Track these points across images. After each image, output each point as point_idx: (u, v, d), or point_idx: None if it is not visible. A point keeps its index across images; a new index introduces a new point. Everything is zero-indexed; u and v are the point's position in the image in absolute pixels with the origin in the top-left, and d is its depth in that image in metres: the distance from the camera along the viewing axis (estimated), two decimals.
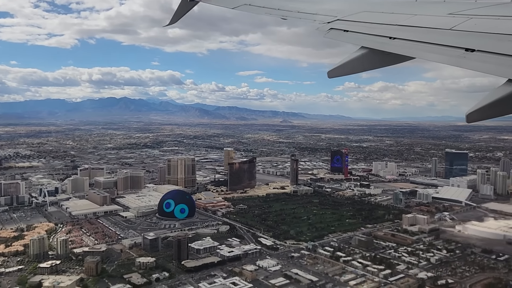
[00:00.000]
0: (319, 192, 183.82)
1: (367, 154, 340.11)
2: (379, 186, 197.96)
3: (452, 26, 9.06)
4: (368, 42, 10.44)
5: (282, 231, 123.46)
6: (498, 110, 7.04)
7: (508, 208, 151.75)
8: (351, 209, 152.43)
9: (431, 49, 8.72)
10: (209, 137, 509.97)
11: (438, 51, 8.50)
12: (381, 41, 10.16)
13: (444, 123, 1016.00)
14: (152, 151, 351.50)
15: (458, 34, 8.68)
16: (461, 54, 7.96)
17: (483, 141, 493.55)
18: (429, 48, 8.79)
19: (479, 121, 7.41)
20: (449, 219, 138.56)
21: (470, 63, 7.64)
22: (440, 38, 8.83)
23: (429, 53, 8.69)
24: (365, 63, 10.35)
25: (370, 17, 11.89)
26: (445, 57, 8.17)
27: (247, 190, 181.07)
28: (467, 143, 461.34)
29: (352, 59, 10.42)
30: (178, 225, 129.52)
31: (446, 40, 8.61)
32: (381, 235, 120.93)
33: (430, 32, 9.39)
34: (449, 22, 9.27)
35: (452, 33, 8.86)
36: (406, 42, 9.51)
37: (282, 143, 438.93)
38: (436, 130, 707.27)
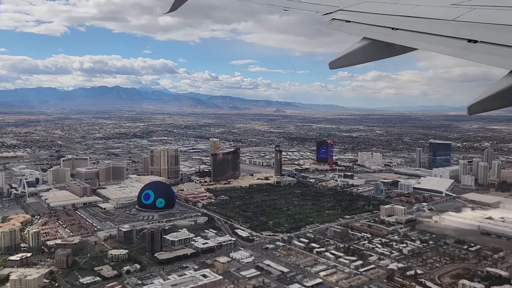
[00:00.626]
0: (302, 182, 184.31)
1: (355, 144, 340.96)
2: (363, 177, 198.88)
3: (455, 17, 9.02)
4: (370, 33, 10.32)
5: (260, 223, 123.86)
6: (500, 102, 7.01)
7: (486, 199, 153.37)
8: (332, 200, 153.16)
9: (434, 40, 8.68)
10: (200, 127, 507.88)
11: (441, 42, 8.47)
12: (384, 32, 10.07)
13: (437, 112, 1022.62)
14: (140, 141, 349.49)
15: (461, 25, 8.63)
16: (464, 46, 7.91)
17: (473, 131, 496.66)
18: (432, 39, 8.74)
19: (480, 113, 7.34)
20: (427, 209, 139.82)
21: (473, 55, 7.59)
22: (443, 29, 8.79)
23: (432, 44, 8.64)
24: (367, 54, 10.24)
25: (373, 8, 11.76)
26: (448, 49, 8.15)
27: (230, 181, 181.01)
28: (456, 132, 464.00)
29: (354, 50, 10.29)
30: (156, 217, 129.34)
31: (449, 31, 8.58)
32: (357, 226, 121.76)
33: (433, 23, 9.33)
34: (452, 13, 9.22)
35: (455, 24, 8.81)
36: (409, 33, 9.47)
37: (273, 133, 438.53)
38: (428, 119, 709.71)
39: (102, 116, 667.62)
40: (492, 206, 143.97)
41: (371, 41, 10.09)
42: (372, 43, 10.08)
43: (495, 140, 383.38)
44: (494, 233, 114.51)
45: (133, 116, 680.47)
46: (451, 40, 8.28)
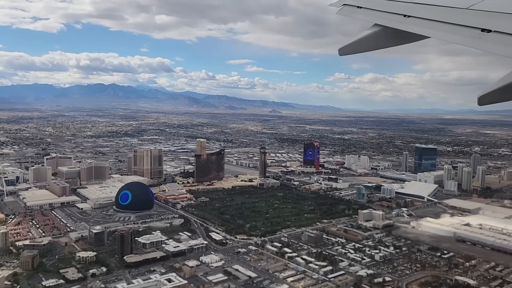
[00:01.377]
0: (286, 185, 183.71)
1: (346, 146, 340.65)
2: (347, 180, 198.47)
3: (469, 5, 8.82)
4: (382, 20, 10.14)
5: (236, 225, 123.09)
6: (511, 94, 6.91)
7: (467, 205, 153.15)
8: (313, 203, 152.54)
9: (447, 28, 8.51)
10: (193, 126, 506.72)
11: (454, 31, 8.30)
12: (396, 19, 9.87)
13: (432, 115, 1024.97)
14: (131, 139, 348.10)
15: (475, 14, 8.47)
16: (477, 35, 7.75)
17: (465, 135, 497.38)
18: (445, 28, 8.57)
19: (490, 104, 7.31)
20: (407, 215, 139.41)
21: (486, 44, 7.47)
22: (456, 17, 8.60)
23: (444, 32, 8.49)
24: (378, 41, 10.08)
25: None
26: (461, 38, 7.99)
27: (214, 182, 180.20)
28: (448, 136, 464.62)
29: (364, 36, 10.12)
30: (133, 218, 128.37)
31: (462, 20, 8.40)
32: (333, 230, 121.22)
33: (446, 11, 9.13)
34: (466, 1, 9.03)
35: (469, 12, 8.63)
36: (421, 21, 9.29)
37: (265, 134, 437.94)
38: (422, 123, 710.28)
39: (96, 114, 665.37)
40: (472, 213, 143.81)
41: (382, 28, 9.93)
42: (383, 30, 9.92)
43: (486, 145, 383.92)
44: (470, 241, 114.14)
45: (128, 114, 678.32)
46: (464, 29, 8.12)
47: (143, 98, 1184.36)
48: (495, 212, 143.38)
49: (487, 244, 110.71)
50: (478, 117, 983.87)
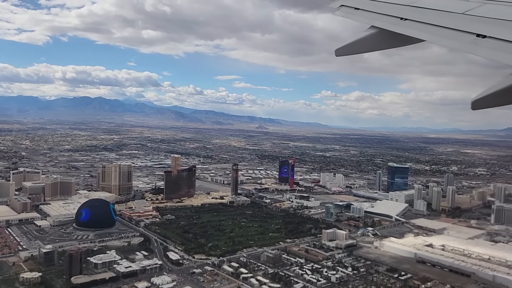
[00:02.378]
0: (257, 203, 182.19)
1: (326, 164, 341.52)
2: (320, 198, 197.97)
3: (465, 10, 8.94)
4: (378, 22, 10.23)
5: (197, 245, 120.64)
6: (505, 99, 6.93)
7: (433, 225, 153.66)
8: (280, 222, 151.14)
9: (442, 33, 8.62)
10: (175, 141, 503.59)
11: (449, 35, 8.41)
12: (392, 21, 9.95)
13: (417, 134, 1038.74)
14: (109, 154, 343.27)
15: (471, 19, 8.55)
16: (472, 40, 7.85)
17: (446, 154, 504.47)
18: (440, 32, 8.68)
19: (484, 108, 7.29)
20: (372, 234, 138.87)
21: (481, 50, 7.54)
22: (452, 22, 8.70)
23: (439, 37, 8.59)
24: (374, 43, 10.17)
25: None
26: (456, 42, 8.09)
27: (184, 199, 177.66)
28: (429, 155, 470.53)
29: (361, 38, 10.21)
30: (91, 236, 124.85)
31: (458, 25, 8.51)
32: (295, 250, 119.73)
33: (442, 15, 9.22)
34: (462, 6, 9.15)
35: (465, 17, 8.73)
36: (417, 24, 9.39)
37: (247, 150, 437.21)
38: (406, 141, 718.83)
39: (79, 127, 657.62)
40: (437, 233, 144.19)
41: (379, 30, 9.99)
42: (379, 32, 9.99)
43: (465, 164, 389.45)
44: (429, 262, 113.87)
45: (111, 128, 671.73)
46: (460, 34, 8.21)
47: (130, 112, 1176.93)
48: (459, 233, 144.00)
49: (446, 266, 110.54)
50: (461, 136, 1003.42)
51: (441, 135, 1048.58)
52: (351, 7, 11.74)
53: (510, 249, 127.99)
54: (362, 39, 10.24)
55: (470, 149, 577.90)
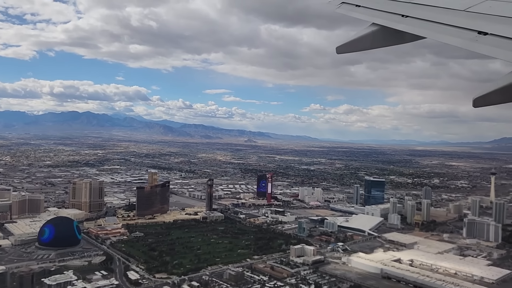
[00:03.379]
0: (231, 218, 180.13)
1: (308, 178, 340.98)
2: (297, 213, 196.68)
3: (467, 7, 8.96)
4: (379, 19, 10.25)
5: (161, 263, 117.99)
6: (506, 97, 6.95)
7: (405, 239, 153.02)
8: (252, 238, 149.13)
9: (444, 30, 8.65)
10: (161, 156, 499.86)
11: (450, 32, 8.43)
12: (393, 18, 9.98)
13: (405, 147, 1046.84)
14: (89, 170, 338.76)
15: (472, 16, 8.57)
16: (474, 37, 7.86)
17: (430, 166, 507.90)
18: (442, 29, 8.71)
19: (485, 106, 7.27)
20: (342, 250, 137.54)
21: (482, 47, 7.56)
22: (454, 19, 8.74)
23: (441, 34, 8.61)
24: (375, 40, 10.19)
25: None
26: (457, 39, 8.10)
27: (156, 216, 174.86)
28: (413, 168, 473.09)
29: (362, 35, 10.24)
30: (53, 256, 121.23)
31: (459, 22, 8.55)
32: (260, 267, 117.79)
33: (443, 12, 9.25)
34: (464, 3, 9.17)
35: (466, 14, 8.74)
36: (418, 21, 9.42)
37: (232, 164, 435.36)
38: (392, 154, 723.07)
39: (64, 142, 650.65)
40: (407, 247, 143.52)
41: (380, 27, 10.00)
42: (381, 30, 9.99)
43: (447, 176, 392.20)
44: (395, 277, 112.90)
45: (97, 143, 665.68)
46: (461, 31, 8.24)
47: (118, 127, 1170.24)
48: (430, 247, 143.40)
49: (410, 281, 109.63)
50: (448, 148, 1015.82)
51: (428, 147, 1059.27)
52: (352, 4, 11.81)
53: (478, 263, 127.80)
54: (363, 37, 10.24)
55: (455, 162, 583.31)
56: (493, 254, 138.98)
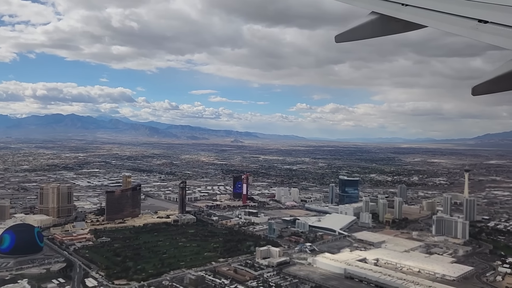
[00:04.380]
0: (203, 221, 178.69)
1: (289, 177, 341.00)
2: (270, 214, 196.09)
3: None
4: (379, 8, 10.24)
5: (123, 268, 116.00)
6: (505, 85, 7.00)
7: (374, 238, 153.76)
8: (221, 240, 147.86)
9: (444, 18, 8.72)
10: (143, 158, 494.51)
11: (451, 21, 8.53)
12: (393, 7, 10.00)
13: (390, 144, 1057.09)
14: (67, 173, 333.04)
15: (473, 5, 8.63)
16: (474, 26, 7.98)
17: (412, 164, 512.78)
18: (442, 18, 8.77)
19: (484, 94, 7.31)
20: (309, 250, 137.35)
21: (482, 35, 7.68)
22: (454, 7, 8.81)
23: (441, 22, 8.68)
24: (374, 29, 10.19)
25: None
26: (458, 28, 8.22)
27: (127, 220, 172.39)
28: (395, 166, 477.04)
29: (361, 24, 10.22)
30: (12, 264, 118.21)
31: (459, 10, 8.61)
32: (224, 270, 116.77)
33: (443, 1, 9.26)
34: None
35: (467, 3, 8.81)
36: (419, 10, 9.47)
37: (214, 165, 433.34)
38: (377, 152, 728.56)
39: (46, 146, 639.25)
40: (375, 246, 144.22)
41: (379, 16, 10.02)
42: (380, 18, 10.02)
43: (427, 174, 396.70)
44: (357, 277, 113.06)
45: (79, 146, 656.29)
46: (462, 19, 8.32)
47: (103, 129, 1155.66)
48: (397, 245, 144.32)
49: (372, 281, 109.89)
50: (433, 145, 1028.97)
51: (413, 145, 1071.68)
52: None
53: (442, 261, 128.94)
54: (362, 25, 10.20)
55: (437, 159, 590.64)
56: (459, 251, 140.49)
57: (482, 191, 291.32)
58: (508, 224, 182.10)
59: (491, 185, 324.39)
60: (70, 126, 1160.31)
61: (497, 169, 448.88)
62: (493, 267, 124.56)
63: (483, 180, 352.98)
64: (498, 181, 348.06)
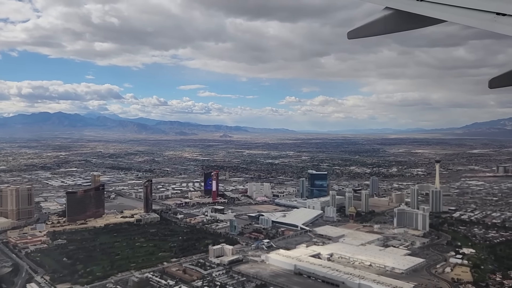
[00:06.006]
0: (167, 219, 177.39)
1: (268, 172, 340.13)
2: (238, 210, 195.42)
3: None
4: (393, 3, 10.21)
5: (70, 272, 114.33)
6: None
7: (334, 232, 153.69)
8: (180, 239, 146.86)
9: (462, 12, 8.75)
10: (126, 155, 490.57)
11: (469, 14, 8.59)
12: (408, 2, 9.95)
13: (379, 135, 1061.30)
14: (43, 173, 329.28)
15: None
16: (492, 18, 8.14)
17: (395, 155, 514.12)
18: (460, 12, 8.79)
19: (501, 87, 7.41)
20: (266, 247, 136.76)
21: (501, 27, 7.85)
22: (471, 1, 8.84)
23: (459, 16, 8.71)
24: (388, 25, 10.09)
25: None
26: (476, 21, 8.33)
27: (89, 220, 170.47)
28: (377, 157, 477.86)
29: (375, 20, 10.16)
30: None
31: (477, 4, 8.66)
32: (173, 271, 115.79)
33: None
34: None
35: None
36: (435, 5, 9.42)
37: (196, 161, 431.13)
38: (363, 143, 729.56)
39: (30, 145, 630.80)
40: (333, 240, 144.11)
41: (394, 12, 9.92)
42: (394, 14, 9.92)
43: (407, 165, 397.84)
44: (306, 273, 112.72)
45: (64, 144, 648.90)
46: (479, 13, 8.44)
47: (91, 126, 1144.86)
48: (355, 239, 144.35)
49: (319, 276, 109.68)
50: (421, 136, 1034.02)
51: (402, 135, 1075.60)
52: None
53: (396, 253, 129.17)
54: (376, 21, 10.09)
55: (422, 149, 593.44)
56: (416, 243, 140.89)
57: (457, 181, 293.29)
58: (472, 214, 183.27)
59: (467, 174, 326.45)
60: (57, 124, 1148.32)
61: (478, 158, 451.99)
62: (445, 259, 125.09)
63: (461, 170, 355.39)
64: (476, 171, 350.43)
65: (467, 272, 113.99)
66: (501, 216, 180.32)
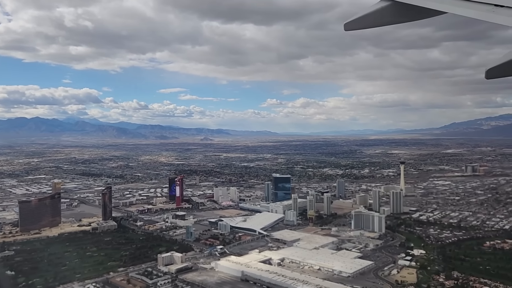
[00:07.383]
0: (125, 227, 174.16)
1: (241, 176, 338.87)
2: (201, 215, 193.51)
3: None
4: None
5: (10, 285, 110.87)
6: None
7: (291, 236, 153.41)
8: (133, 247, 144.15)
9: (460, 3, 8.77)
10: (100, 161, 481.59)
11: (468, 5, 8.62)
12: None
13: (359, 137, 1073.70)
14: (9, 181, 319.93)
15: None
16: (490, 9, 8.28)
17: (371, 156, 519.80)
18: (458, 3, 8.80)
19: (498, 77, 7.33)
20: (219, 253, 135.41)
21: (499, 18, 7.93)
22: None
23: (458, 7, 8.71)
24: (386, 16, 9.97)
25: None
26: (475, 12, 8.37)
27: (44, 230, 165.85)
28: (352, 159, 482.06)
29: (373, 11, 9.99)
30: None
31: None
32: (117, 281, 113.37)
33: None
34: None
35: None
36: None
37: (170, 166, 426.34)
38: (342, 145, 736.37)
39: (2, 151, 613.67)
40: (288, 245, 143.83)
41: (391, 3, 9.84)
42: (392, 5, 9.85)
43: (380, 166, 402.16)
44: (252, 280, 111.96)
45: (38, 150, 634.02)
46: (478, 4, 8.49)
47: (69, 131, 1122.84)
48: (310, 243, 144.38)
49: (265, 282, 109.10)
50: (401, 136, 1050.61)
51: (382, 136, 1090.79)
52: None
53: (347, 256, 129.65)
54: (374, 12, 9.88)
55: (398, 150, 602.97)
56: (369, 245, 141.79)
57: (424, 182, 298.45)
58: (431, 215, 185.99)
59: (436, 175, 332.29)
60: (34, 130, 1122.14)
61: (450, 158, 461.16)
62: (395, 260, 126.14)
63: (431, 170, 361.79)
64: (445, 171, 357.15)
65: (413, 273, 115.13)
66: (459, 216, 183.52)
